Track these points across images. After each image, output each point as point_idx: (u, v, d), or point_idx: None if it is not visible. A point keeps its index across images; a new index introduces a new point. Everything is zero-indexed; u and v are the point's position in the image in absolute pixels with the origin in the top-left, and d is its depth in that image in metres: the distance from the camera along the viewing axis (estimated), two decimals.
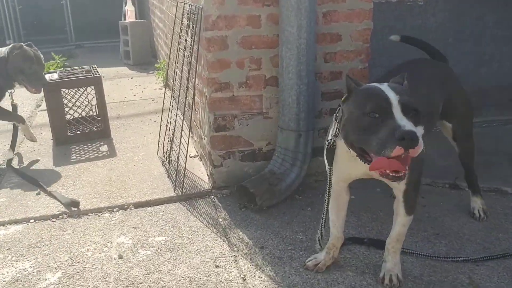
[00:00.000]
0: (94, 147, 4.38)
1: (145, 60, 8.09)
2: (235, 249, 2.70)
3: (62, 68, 6.45)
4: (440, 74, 2.70)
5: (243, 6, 3.08)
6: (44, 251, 2.73)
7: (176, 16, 3.95)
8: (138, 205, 3.24)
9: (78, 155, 4.19)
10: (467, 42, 4.09)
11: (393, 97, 1.86)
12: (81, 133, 4.56)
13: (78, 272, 2.53)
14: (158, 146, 4.10)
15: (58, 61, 7.70)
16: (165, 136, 3.92)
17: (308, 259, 2.53)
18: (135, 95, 6.14)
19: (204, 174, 3.64)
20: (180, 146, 3.47)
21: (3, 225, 3.05)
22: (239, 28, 3.09)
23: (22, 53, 3.93)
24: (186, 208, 3.18)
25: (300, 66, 3.05)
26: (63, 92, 4.42)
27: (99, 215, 3.13)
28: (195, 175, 3.63)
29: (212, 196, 3.33)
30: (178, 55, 3.78)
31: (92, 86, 4.55)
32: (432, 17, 3.93)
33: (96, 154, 4.20)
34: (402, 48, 3.87)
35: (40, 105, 5.64)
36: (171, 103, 3.84)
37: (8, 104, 4.14)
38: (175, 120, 3.67)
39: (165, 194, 3.35)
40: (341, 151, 2.17)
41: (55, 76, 4.54)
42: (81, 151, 4.29)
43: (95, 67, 4.84)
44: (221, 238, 2.82)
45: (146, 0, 8.64)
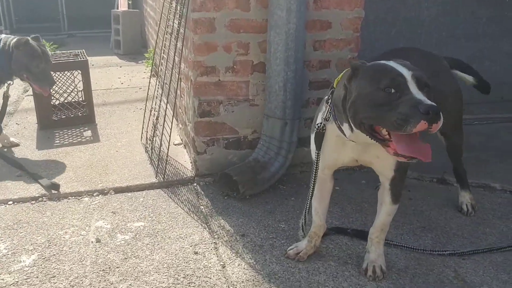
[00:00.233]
0: (78, 132, 4.34)
1: (135, 50, 8.06)
2: (216, 236, 2.65)
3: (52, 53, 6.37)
4: (431, 64, 2.64)
5: None
6: (21, 233, 2.68)
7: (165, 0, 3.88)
8: (118, 190, 3.19)
9: (61, 139, 4.14)
10: (460, 38, 4.05)
11: (407, 73, 1.80)
12: (66, 117, 4.53)
13: (54, 254, 2.48)
14: (142, 133, 4.06)
15: (49, 48, 7.60)
16: (148, 123, 3.85)
17: (290, 248, 2.48)
18: (122, 83, 6.10)
19: (187, 161, 3.58)
20: (163, 132, 3.41)
21: None
22: (227, 10, 3.02)
23: (29, 50, 3.64)
24: (168, 195, 3.13)
25: (288, 52, 2.98)
26: None
27: (78, 199, 3.09)
28: (179, 162, 3.57)
29: (195, 184, 3.28)
30: (166, 39, 3.71)
31: (79, 71, 4.49)
32: (426, 11, 3.89)
33: (79, 139, 4.15)
34: (395, 40, 3.84)
35: (27, 91, 5.57)
36: (156, 89, 3.78)
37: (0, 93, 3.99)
38: (159, 106, 3.60)
39: (146, 180, 3.29)
40: (331, 136, 2.11)
41: None
42: (65, 135, 4.24)
43: (83, 52, 4.79)
44: (201, 225, 2.76)
45: None
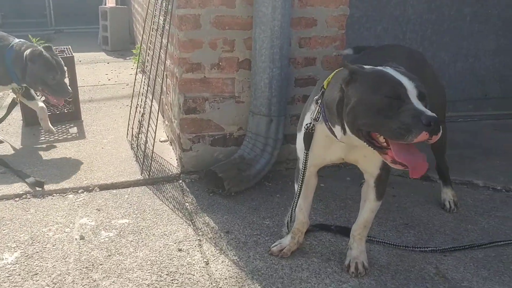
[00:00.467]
0: (64, 128, 4.32)
1: (123, 46, 8.03)
2: (200, 233, 2.65)
3: None
4: (414, 60, 2.65)
5: None
6: (4, 230, 2.66)
7: None
8: (103, 187, 3.18)
9: (46, 136, 4.11)
10: (444, 35, 4.06)
11: (407, 82, 1.81)
12: (51, 114, 4.47)
13: (37, 252, 2.47)
14: (128, 130, 4.05)
15: (35, 44, 7.53)
16: (134, 120, 3.84)
17: (273, 244, 2.49)
18: (109, 80, 6.08)
19: (173, 159, 3.57)
20: (148, 129, 3.40)
21: None
22: (212, 7, 3.02)
23: (44, 63, 3.65)
24: (153, 192, 3.12)
25: (273, 49, 2.99)
26: None
27: (63, 196, 3.07)
28: (164, 159, 3.56)
29: (180, 181, 3.27)
30: (152, 35, 3.70)
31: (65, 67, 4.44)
32: (411, 8, 3.89)
33: (65, 136, 4.14)
34: (380, 40, 3.85)
35: None
36: (141, 86, 3.76)
37: None
38: (144, 103, 3.59)
39: (131, 177, 3.28)
40: (319, 136, 2.12)
41: None
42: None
43: (69, 48, 4.77)
44: (186, 222, 2.76)
45: None
